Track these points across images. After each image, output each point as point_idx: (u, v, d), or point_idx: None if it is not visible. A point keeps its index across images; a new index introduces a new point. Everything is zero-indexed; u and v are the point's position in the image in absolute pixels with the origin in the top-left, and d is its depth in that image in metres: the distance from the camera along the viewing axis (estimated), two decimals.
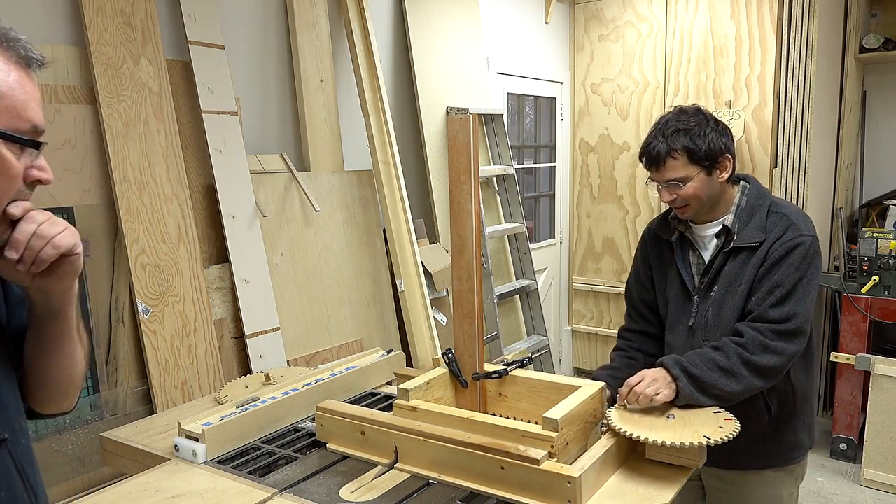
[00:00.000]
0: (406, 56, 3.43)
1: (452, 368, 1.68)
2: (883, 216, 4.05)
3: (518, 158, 4.41)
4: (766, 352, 1.58)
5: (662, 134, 1.67)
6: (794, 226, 1.66)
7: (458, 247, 1.64)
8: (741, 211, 1.72)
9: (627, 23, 4.52)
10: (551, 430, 1.37)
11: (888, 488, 3.32)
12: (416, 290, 3.09)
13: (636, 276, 1.96)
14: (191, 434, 1.58)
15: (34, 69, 0.87)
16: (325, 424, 1.63)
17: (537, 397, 1.65)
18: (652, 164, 1.69)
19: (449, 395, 1.69)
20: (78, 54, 2.20)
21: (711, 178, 1.67)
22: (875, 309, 3.48)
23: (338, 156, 3.05)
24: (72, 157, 2.15)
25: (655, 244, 1.88)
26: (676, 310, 1.81)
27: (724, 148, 1.68)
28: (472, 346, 1.65)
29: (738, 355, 1.57)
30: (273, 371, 2.10)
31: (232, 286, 2.52)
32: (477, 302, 1.62)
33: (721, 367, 1.57)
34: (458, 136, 1.56)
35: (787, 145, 3.62)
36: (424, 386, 1.61)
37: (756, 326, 1.61)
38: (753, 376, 1.57)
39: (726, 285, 1.71)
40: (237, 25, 2.72)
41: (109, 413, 2.18)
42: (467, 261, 1.62)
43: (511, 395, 1.70)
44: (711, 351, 1.61)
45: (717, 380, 1.56)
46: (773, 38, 3.94)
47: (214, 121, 2.51)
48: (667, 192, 1.69)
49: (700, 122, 1.68)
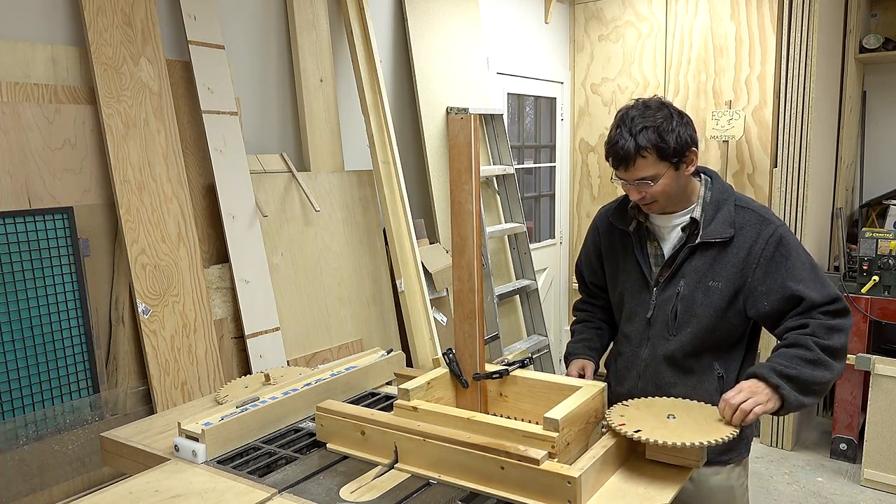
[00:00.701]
0: (406, 56, 3.43)
1: (453, 368, 1.67)
2: (883, 216, 4.05)
3: (518, 158, 4.41)
4: (835, 333, 1.57)
5: (630, 132, 1.61)
6: (765, 220, 1.65)
7: (459, 247, 1.62)
8: (707, 205, 1.70)
9: (627, 23, 4.52)
10: (552, 431, 1.37)
11: (888, 488, 3.32)
12: (416, 290, 3.09)
13: (587, 260, 1.97)
14: (191, 434, 1.58)
15: None
16: (325, 424, 1.62)
17: (538, 397, 1.64)
18: (620, 164, 1.64)
19: (450, 395, 1.68)
20: (78, 54, 2.20)
21: (679, 173, 1.65)
22: (875, 309, 3.48)
23: (338, 156, 3.05)
24: (72, 157, 2.15)
25: (608, 233, 1.86)
26: (633, 300, 1.79)
27: (690, 141, 1.64)
28: (472, 347, 1.65)
29: (816, 345, 1.55)
30: (273, 371, 2.10)
31: (232, 286, 2.52)
32: (478, 302, 1.61)
33: (809, 361, 1.54)
34: (459, 137, 1.55)
35: (787, 145, 3.62)
36: (425, 386, 1.61)
37: (811, 314, 1.59)
38: (835, 360, 1.56)
39: (695, 281, 1.68)
40: (237, 25, 2.72)
41: (109, 413, 2.18)
42: (468, 261, 1.61)
43: (512, 396, 1.69)
44: (789, 349, 1.58)
45: (812, 374, 1.53)
46: (773, 38, 3.94)
47: (214, 121, 2.51)
48: (635, 191, 1.66)
49: (666, 116, 1.62)
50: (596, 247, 1.91)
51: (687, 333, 1.70)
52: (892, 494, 3.30)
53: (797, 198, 3.61)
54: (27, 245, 2.04)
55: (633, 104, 1.67)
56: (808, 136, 3.54)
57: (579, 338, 1.91)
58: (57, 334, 2.10)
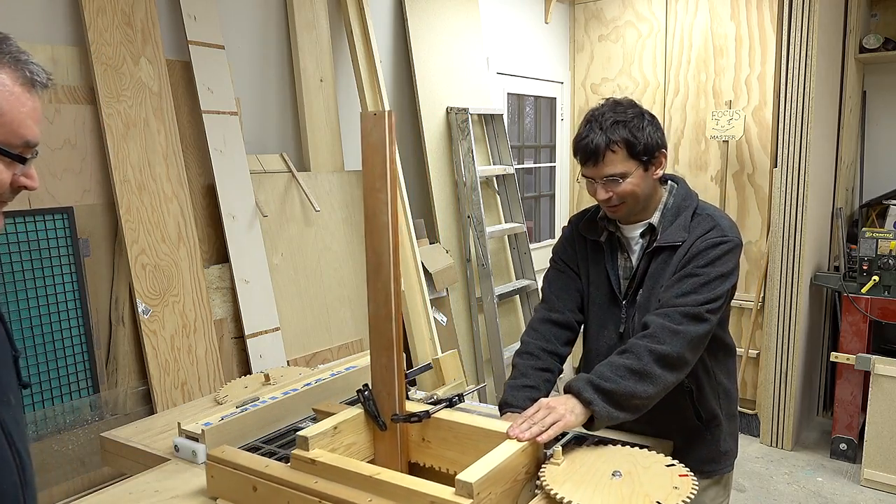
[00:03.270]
0: (406, 56, 3.43)
1: (369, 408, 1.43)
2: (883, 216, 4.05)
3: (518, 158, 4.41)
4: (676, 337, 1.44)
5: (600, 126, 1.54)
6: (718, 227, 1.57)
7: (374, 266, 1.38)
8: (667, 210, 1.63)
9: (627, 23, 4.52)
10: (465, 497, 1.14)
11: (888, 488, 3.32)
12: (416, 290, 3.09)
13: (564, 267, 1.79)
14: (191, 434, 1.58)
15: (38, 89, 0.96)
16: (216, 476, 1.38)
17: (464, 444, 1.40)
18: (589, 159, 1.56)
19: (364, 439, 1.45)
20: (78, 54, 2.20)
21: (647, 175, 1.58)
22: (875, 309, 3.48)
23: (338, 156, 3.05)
24: (72, 157, 2.15)
25: (582, 244, 1.75)
26: (601, 315, 1.70)
27: (660, 143, 1.58)
28: (391, 383, 1.40)
29: (648, 352, 1.43)
30: (273, 371, 2.09)
31: (232, 286, 2.52)
32: (395, 331, 1.38)
33: (634, 371, 1.42)
34: (373, 136, 1.34)
35: (787, 145, 3.62)
36: (331, 431, 1.37)
37: (663, 312, 1.49)
38: (666, 371, 1.44)
39: (650, 288, 1.61)
40: (237, 25, 2.72)
41: (109, 413, 2.18)
42: (384, 283, 1.37)
43: (436, 441, 1.44)
44: (620, 357, 1.46)
45: (634, 387, 1.41)
46: (773, 38, 3.94)
47: (214, 121, 2.51)
48: (603, 190, 1.58)
49: (637, 114, 1.57)
50: (571, 260, 1.78)
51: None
52: (892, 494, 3.30)
53: (797, 198, 3.61)
54: (27, 245, 2.04)
55: (603, 102, 1.62)
56: (808, 136, 3.54)
57: (522, 384, 1.66)
58: (57, 334, 2.09)
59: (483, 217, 3.49)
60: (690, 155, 4.41)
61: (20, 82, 0.93)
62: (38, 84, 0.96)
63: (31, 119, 0.95)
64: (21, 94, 0.93)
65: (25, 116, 0.94)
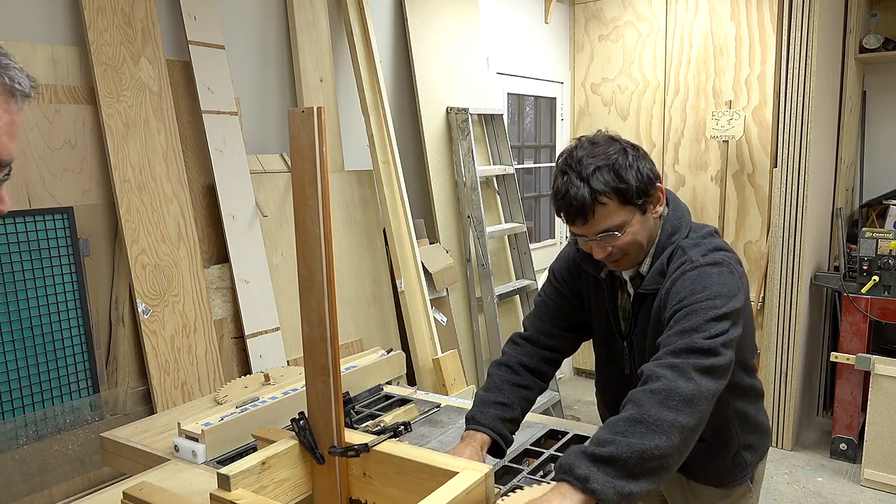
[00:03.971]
0: (406, 56, 3.43)
1: (304, 439, 1.26)
2: (883, 216, 4.05)
3: (518, 158, 4.41)
4: (675, 371, 1.22)
5: (579, 176, 1.34)
6: (684, 258, 1.39)
7: (306, 282, 1.19)
8: (656, 250, 1.45)
9: (627, 23, 4.52)
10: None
11: (888, 488, 3.32)
12: (416, 290, 3.09)
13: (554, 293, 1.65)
14: (191, 434, 1.58)
15: (17, 99, 0.81)
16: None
17: (408, 482, 1.24)
18: (576, 218, 1.36)
19: (300, 473, 1.29)
20: (78, 54, 2.20)
21: (647, 217, 1.40)
22: (875, 309, 3.48)
23: (337, 156, 3.05)
24: (72, 157, 2.15)
25: (584, 271, 1.59)
26: (606, 349, 1.60)
27: (652, 177, 1.38)
28: (328, 411, 1.24)
29: (648, 394, 1.19)
30: (273, 371, 2.09)
31: (232, 286, 2.52)
32: (332, 354, 1.20)
33: (636, 422, 1.16)
34: (301, 136, 1.21)
35: (787, 145, 3.62)
36: (258, 468, 1.20)
37: (657, 356, 1.29)
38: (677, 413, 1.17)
39: (641, 329, 1.48)
40: (237, 25, 2.72)
41: (109, 413, 2.19)
42: (317, 300, 1.19)
43: (378, 477, 1.27)
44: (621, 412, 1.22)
45: (641, 444, 1.13)
46: (773, 38, 3.94)
47: (214, 121, 2.51)
48: (600, 248, 1.39)
49: (619, 150, 1.36)
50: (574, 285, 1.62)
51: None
52: (892, 494, 3.30)
53: (797, 198, 3.61)
54: (27, 245, 2.04)
55: (575, 144, 1.41)
56: (808, 136, 3.54)
57: (494, 399, 1.52)
58: (57, 334, 2.10)
59: (483, 217, 3.49)
60: (690, 155, 4.42)
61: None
62: (19, 93, 0.81)
63: (7, 136, 0.80)
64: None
65: (1, 132, 0.79)
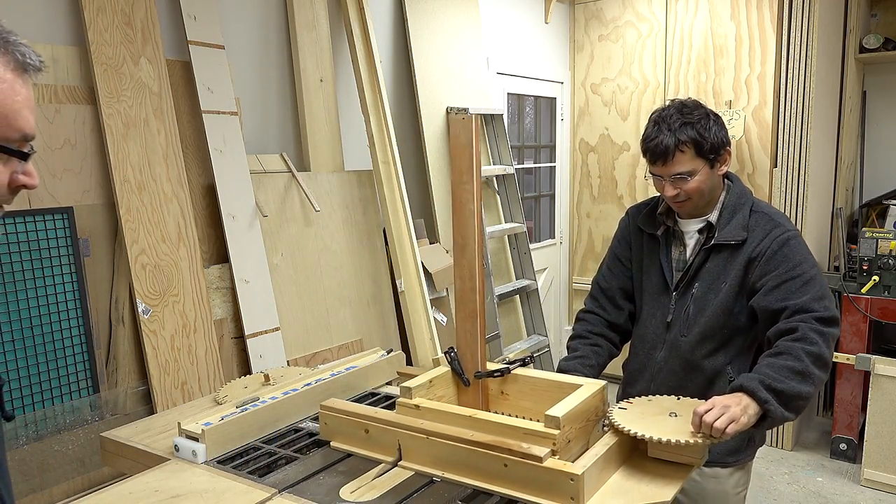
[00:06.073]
0: (406, 56, 3.42)
1: (455, 367, 1.67)
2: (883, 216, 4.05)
3: (518, 158, 4.41)
4: (824, 338, 1.53)
5: (669, 128, 1.65)
6: (778, 224, 1.67)
7: (461, 247, 1.62)
8: (725, 208, 1.73)
9: (627, 23, 4.52)
10: (553, 428, 1.36)
11: (888, 488, 3.31)
12: (416, 290, 3.09)
13: (617, 263, 1.92)
14: (191, 434, 1.58)
15: (30, 74, 0.85)
16: (329, 423, 1.62)
17: (539, 396, 1.63)
18: (658, 158, 1.67)
19: (451, 393, 1.68)
20: (78, 54, 2.20)
21: (713, 172, 1.68)
22: (875, 309, 3.48)
23: (338, 156, 3.05)
24: (72, 157, 2.15)
25: (638, 235, 1.87)
26: (651, 303, 1.82)
27: (725, 141, 1.69)
28: (474, 345, 1.65)
29: (806, 354, 1.50)
30: (273, 371, 2.09)
31: (232, 286, 2.52)
32: (479, 302, 1.61)
33: (797, 372, 1.48)
34: (461, 137, 1.56)
35: (787, 145, 3.62)
36: (427, 384, 1.60)
37: (802, 318, 1.55)
38: (821, 371, 1.50)
39: (708, 283, 1.71)
40: (237, 25, 2.72)
41: (109, 413, 2.18)
42: (469, 260, 1.61)
43: (513, 394, 1.69)
44: (777, 359, 1.51)
45: (798, 388, 1.46)
46: (773, 38, 3.94)
47: (214, 121, 2.51)
48: (671, 187, 1.68)
49: (703, 115, 1.67)
50: (627, 247, 1.90)
51: (696, 334, 1.72)
52: (892, 494, 3.30)
53: (797, 198, 3.61)
54: (27, 245, 2.04)
55: (669, 104, 1.73)
56: (808, 136, 3.54)
57: (574, 355, 1.85)
58: (57, 334, 2.09)
59: (483, 217, 3.49)
60: None
61: (11, 67, 0.82)
62: (31, 68, 0.84)
63: (27, 109, 0.84)
64: (13, 80, 0.82)
65: (21, 106, 0.83)
